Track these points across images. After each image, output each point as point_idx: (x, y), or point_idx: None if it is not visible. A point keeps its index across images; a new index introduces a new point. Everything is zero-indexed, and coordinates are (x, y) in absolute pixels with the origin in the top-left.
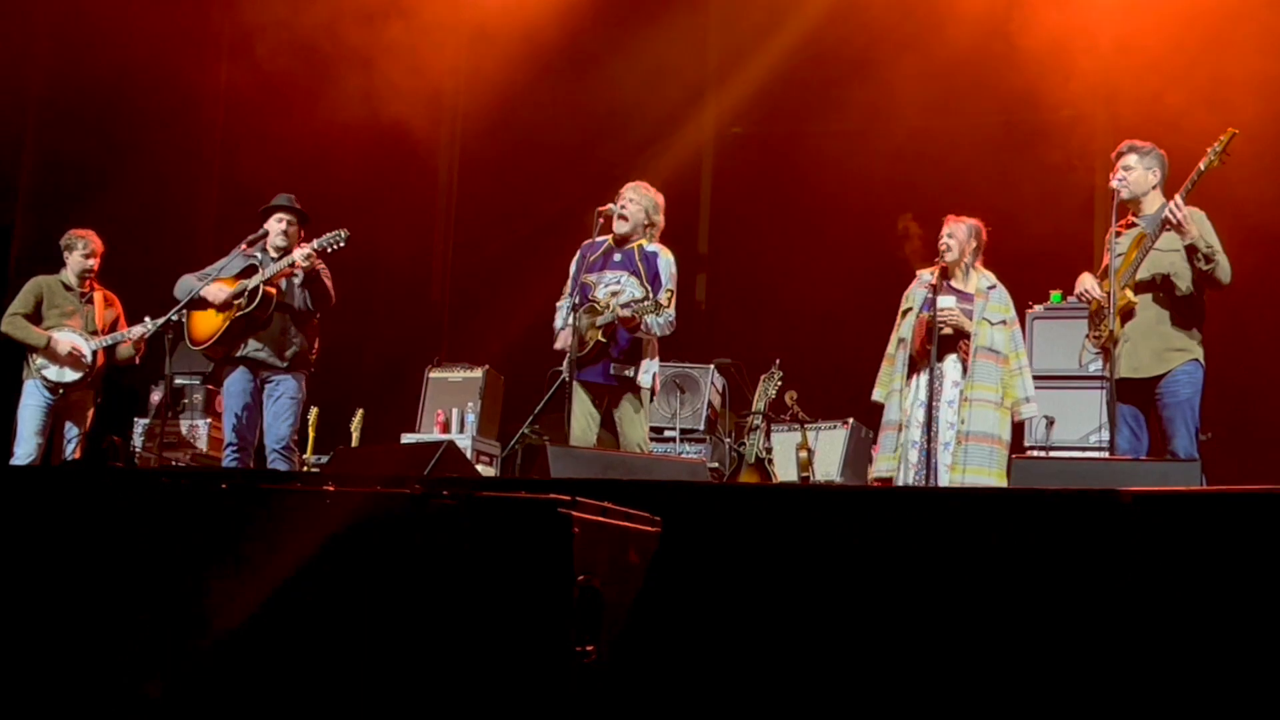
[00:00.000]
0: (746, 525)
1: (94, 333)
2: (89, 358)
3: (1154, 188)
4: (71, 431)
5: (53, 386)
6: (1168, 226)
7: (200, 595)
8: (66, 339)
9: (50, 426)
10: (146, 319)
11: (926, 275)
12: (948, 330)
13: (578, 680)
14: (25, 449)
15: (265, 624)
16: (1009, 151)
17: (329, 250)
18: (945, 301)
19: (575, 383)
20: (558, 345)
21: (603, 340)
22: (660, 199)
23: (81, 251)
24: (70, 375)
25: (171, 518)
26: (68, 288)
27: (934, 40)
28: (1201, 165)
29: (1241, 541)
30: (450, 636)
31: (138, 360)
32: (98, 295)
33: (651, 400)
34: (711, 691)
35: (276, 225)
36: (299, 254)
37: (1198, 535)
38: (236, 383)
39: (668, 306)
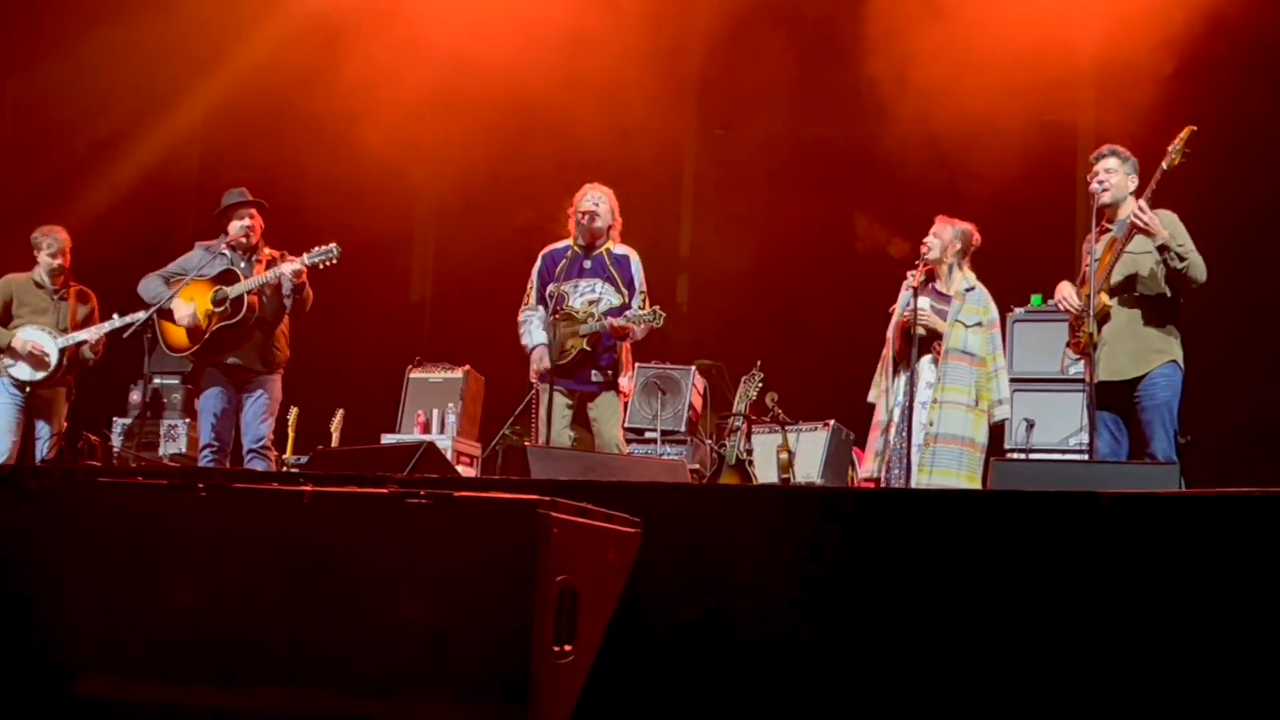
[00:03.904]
0: (727, 527)
1: (64, 330)
2: (53, 356)
3: (1130, 193)
4: (43, 430)
5: (20, 385)
6: (1136, 230)
7: (177, 595)
8: (27, 338)
9: (23, 425)
10: (115, 314)
11: (911, 275)
12: (921, 331)
13: (556, 681)
14: None
15: (246, 623)
16: (991, 155)
17: (320, 266)
18: (920, 303)
19: (552, 387)
20: (536, 368)
21: (587, 349)
22: (614, 198)
23: (48, 251)
24: (35, 374)
25: (149, 517)
26: (39, 285)
27: (918, 43)
28: (1164, 164)
29: (1220, 544)
30: (430, 638)
31: (92, 363)
32: (72, 291)
33: (624, 400)
34: (692, 692)
35: (239, 224)
36: (288, 268)
37: (1176, 538)
38: (215, 386)
39: (647, 308)
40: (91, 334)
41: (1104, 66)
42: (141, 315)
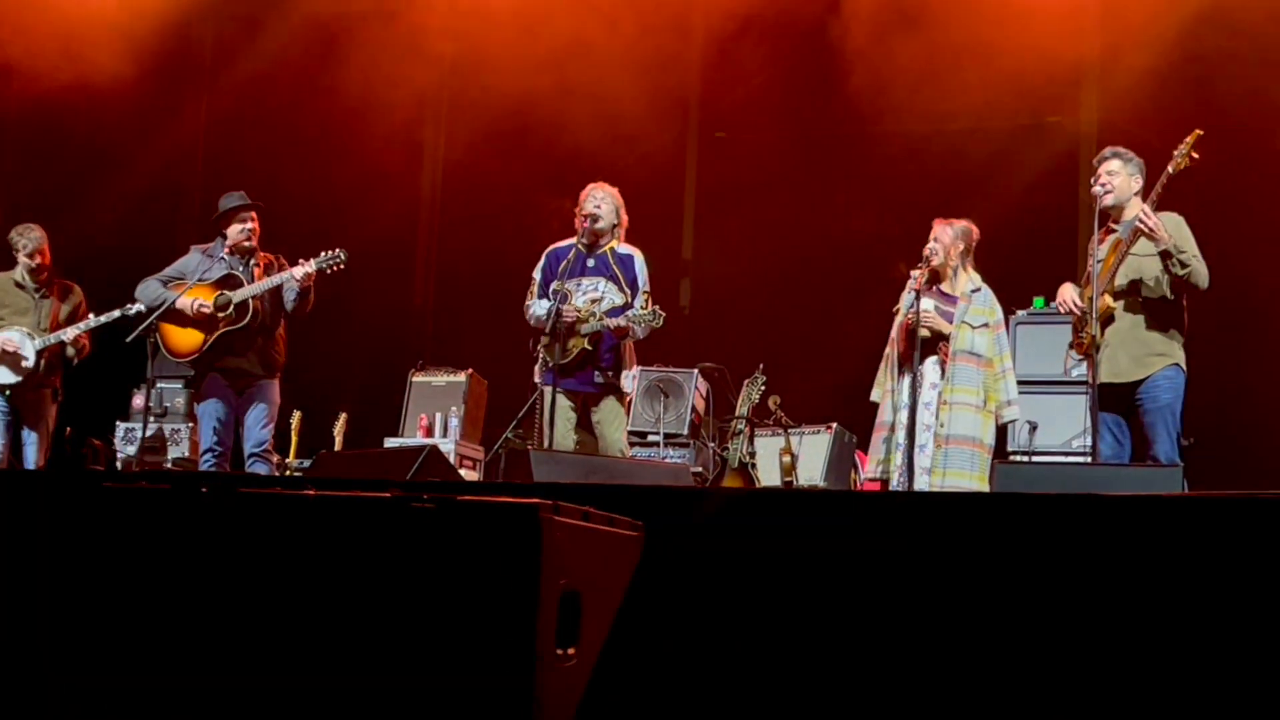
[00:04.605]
0: (730, 529)
1: (46, 330)
2: (30, 358)
3: (1135, 194)
4: (30, 438)
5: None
6: (1140, 233)
7: (180, 598)
8: (2, 340)
9: (10, 431)
10: (90, 314)
11: (915, 276)
12: (925, 333)
13: (558, 685)
14: None
15: (246, 627)
16: (993, 156)
17: (327, 271)
18: (925, 304)
19: (555, 390)
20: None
21: (588, 348)
22: (620, 197)
23: (24, 251)
24: (13, 377)
25: (152, 521)
26: (20, 286)
27: (918, 44)
28: (1169, 168)
29: (1223, 547)
30: (430, 641)
31: (75, 361)
32: (55, 289)
33: (627, 402)
34: (695, 697)
35: (241, 227)
36: (298, 272)
37: (1179, 541)
38: (216, 391)
39: (649, 308)
40: (70, 333)
41: (1106, 66)
42: (117, 313)
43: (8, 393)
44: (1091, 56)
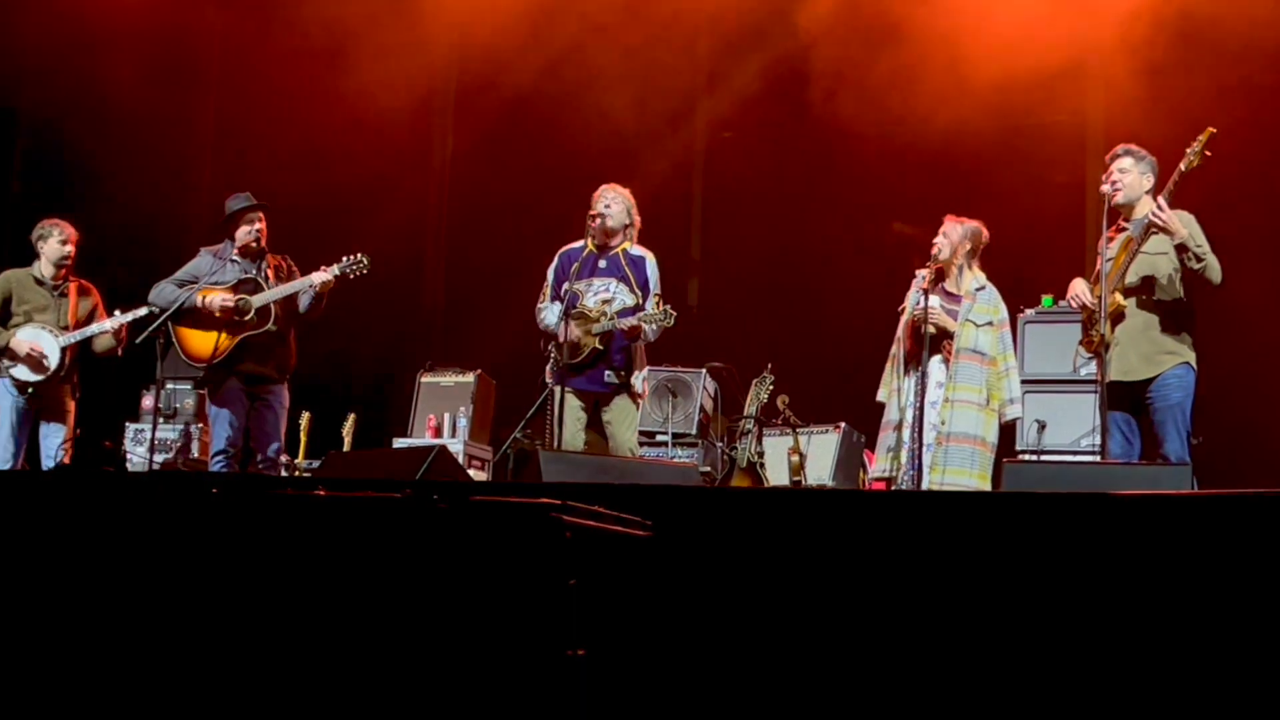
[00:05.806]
0: (738, 529)
1: (65, 328)
2: (53, 357)
3: (1146, 193)
4: (49, 431)
5: (20, 386)
6: (1154, 229)
7: (195, 599)
8: (26, 338)
9: (28, 428)
10: (117, 312)
11: (921, 275)
12: (931, 330)
13: (567, 682)
14: (1, 455)
15: (258, 628)
16: (1001, 155)
17: (350, 276)
18: (930, 302)
19: (566, 389)
20: (559, 338)
21: (599, 348)
22: (633, 199)
23: (59, 239)
24: (35, 375)
25: (166, 521)
26: (39, 282)
27: (925, 43)
28: (1181, 166)
29: (1232, 545)
30: (442, 641)
31: (120, 351)
32: (72, 287)
33: (639, 402)
34: (703, 694)
35: (248, 229)
36: (318, 278)
37: (1189, 539)
38: (230, 393)
39: (660, 309)
40: (111, 324)
41: (1113, 65)
42: (143, 311)
43: (31, 390)
44: (1096, 54)
